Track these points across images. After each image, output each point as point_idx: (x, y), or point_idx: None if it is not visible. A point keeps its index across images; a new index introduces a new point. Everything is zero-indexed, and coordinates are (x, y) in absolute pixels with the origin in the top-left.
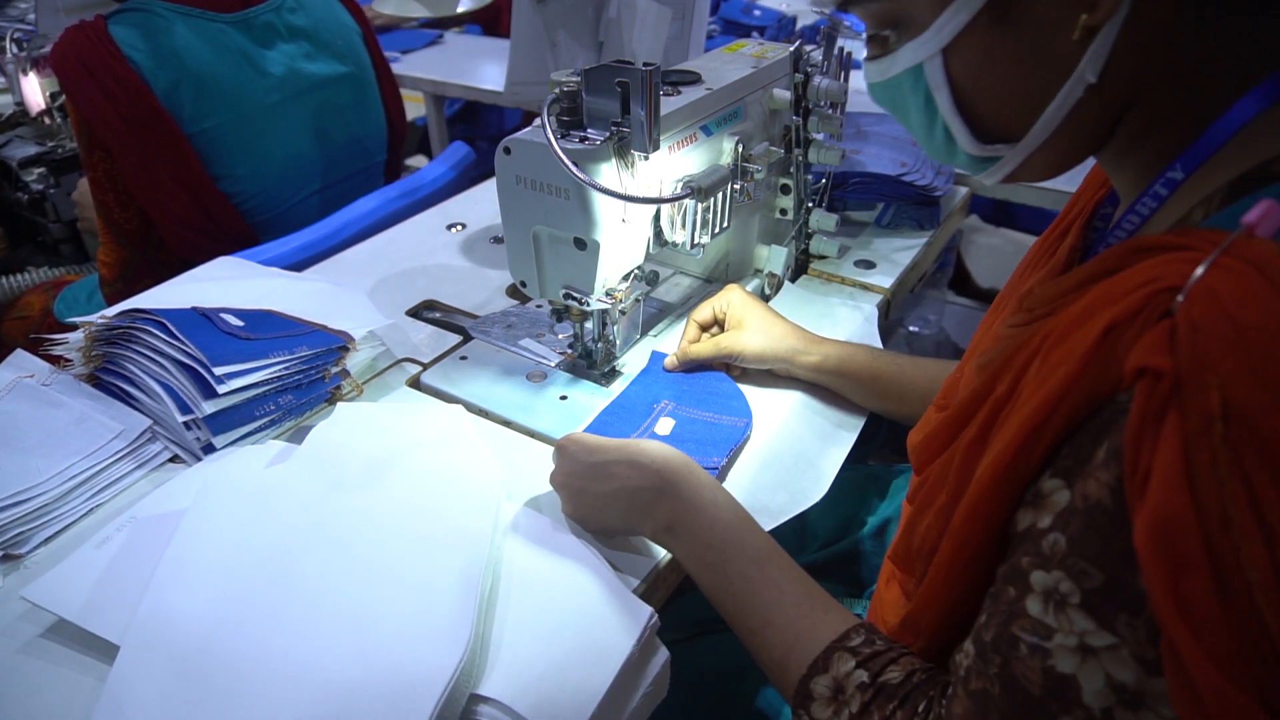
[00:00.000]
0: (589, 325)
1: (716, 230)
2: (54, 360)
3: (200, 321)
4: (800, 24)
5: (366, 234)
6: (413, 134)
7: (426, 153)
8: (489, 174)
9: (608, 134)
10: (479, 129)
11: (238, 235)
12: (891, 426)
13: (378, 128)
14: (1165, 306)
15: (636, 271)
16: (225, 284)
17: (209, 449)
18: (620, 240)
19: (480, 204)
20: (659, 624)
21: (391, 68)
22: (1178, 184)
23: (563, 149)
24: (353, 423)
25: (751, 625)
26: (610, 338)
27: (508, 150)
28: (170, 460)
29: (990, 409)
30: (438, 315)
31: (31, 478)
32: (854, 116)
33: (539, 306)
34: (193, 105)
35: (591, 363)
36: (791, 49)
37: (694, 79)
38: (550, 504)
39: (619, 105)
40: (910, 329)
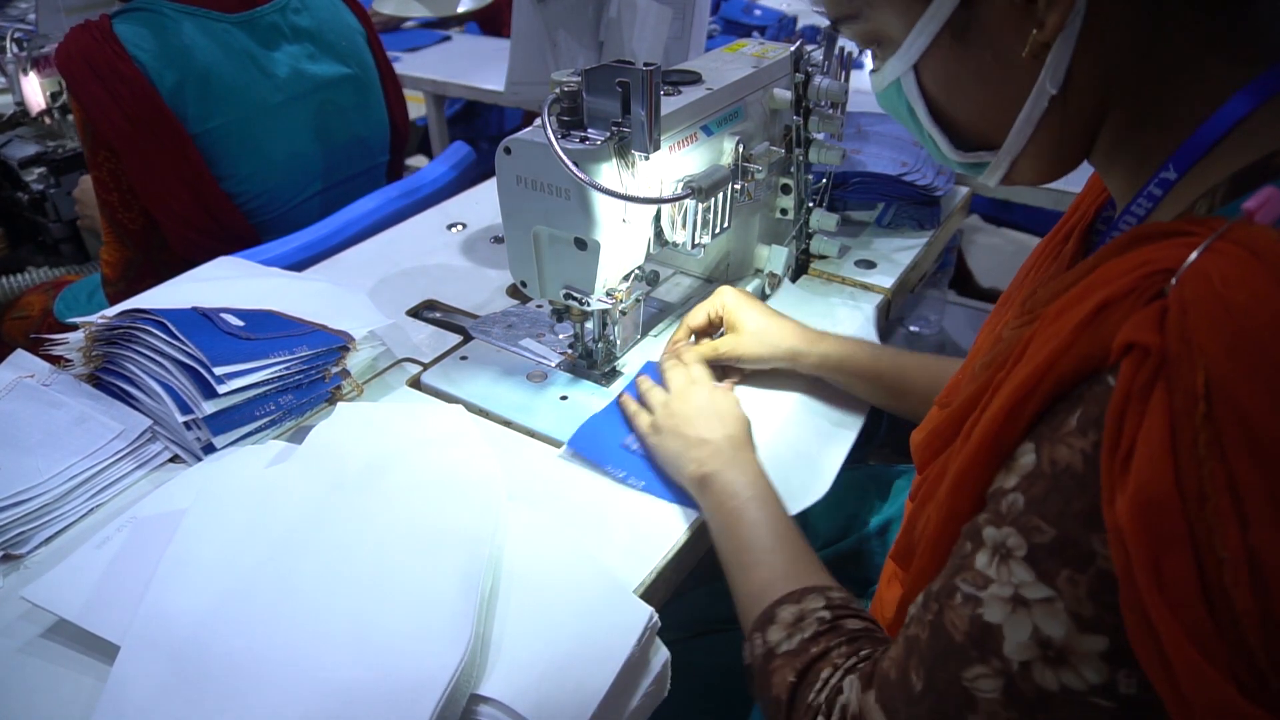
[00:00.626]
0: (589, 325)
1: (717, 230)
2: (54, 360)
3: (201, 321)
4: (801, 24)
5: (367, 234)
6: (413, 134)
7: (427, 153)
8: (489, 174)
9: (608, 134)
10: (479, 129)
11: (240, 235)
12: (892, 426)
13: (380, 129)
14: (1158, 287)
15: (637, 271)
16: (226, 284)
17: (209, 449)
18: (621, 240)
19: (481, 204)
20: (659, 624)
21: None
22: (1171, 184)
23: (563, 149)
24: (353, 423)
25: (745, 561)
26: (610, 338)
27: (508, 150)
28: (170, 460)
29: (988, 404)
30: (438, 315)
31: (32, 478)
32: (854, 116)
33: (539, 306)
34: (197, 105)
35: (592, 363)
36: (792, 49)
37: (694, 79)
38: (550, 504)
39: (619, 105)
40: (911, 329)
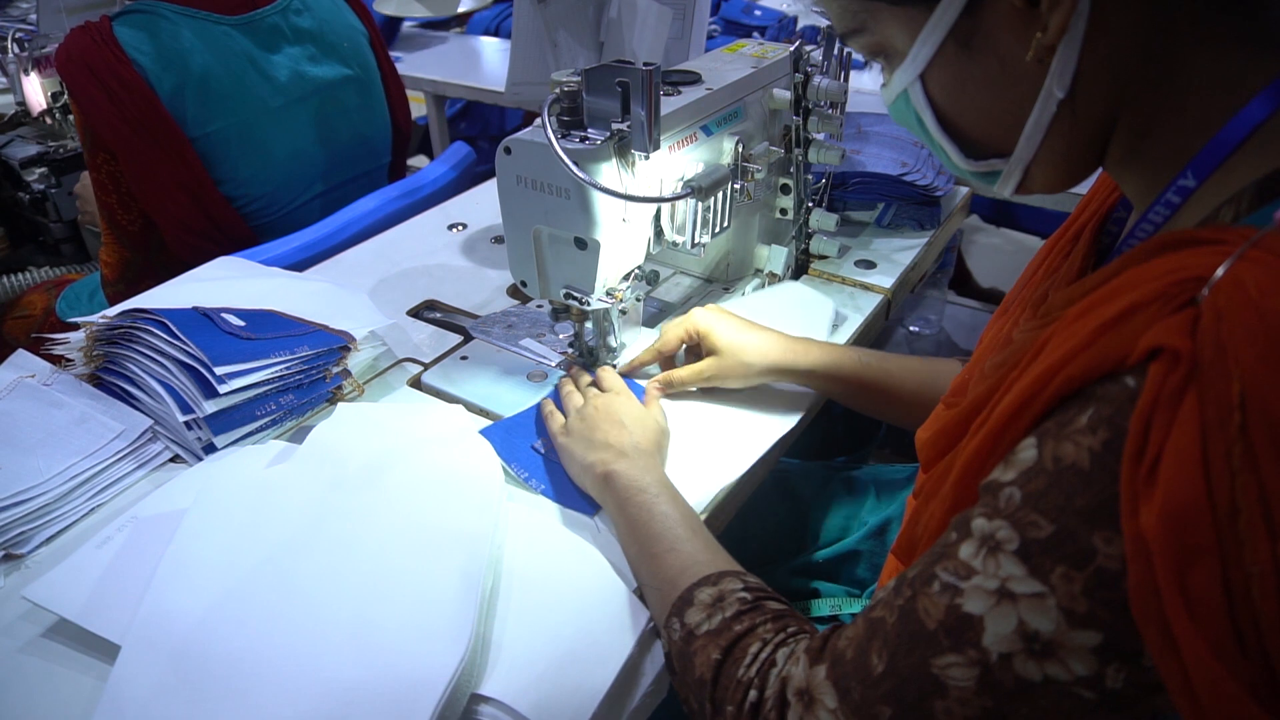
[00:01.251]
0: (589, 325)
1: (717, 230)
2: (55, 360)
3: (201, 321)
4: (800, 24)
5: (367, 234)
6: (413, 134)
7: (428, 153)
8: (490, 174)
9: (608, 134)
10: (480, 129)
11: (240, 239)
12: (891, 426)
13: (383, 129)
14: (1190, 295)
15: (637, 271)
16: (226, 284)
17: (210, 449)
18: (621, 240)
19: (481, 204)
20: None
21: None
22: (1190, 191)
23: (563, 149)
24: (353, 423)
25: (657, 550)
26: (611, 338)
27: (508, 150)
28: (171, 460)
29: (999, 403)
30: (438, 315)
31: (32, 477)
32: (854, 116)
33: (539, 306)
34: (197, 108)
35: (592, 362)
36: (792, 49)
37: (694, 79)
38: (550, 504)
39: (619, 105)
40: (911, 329)
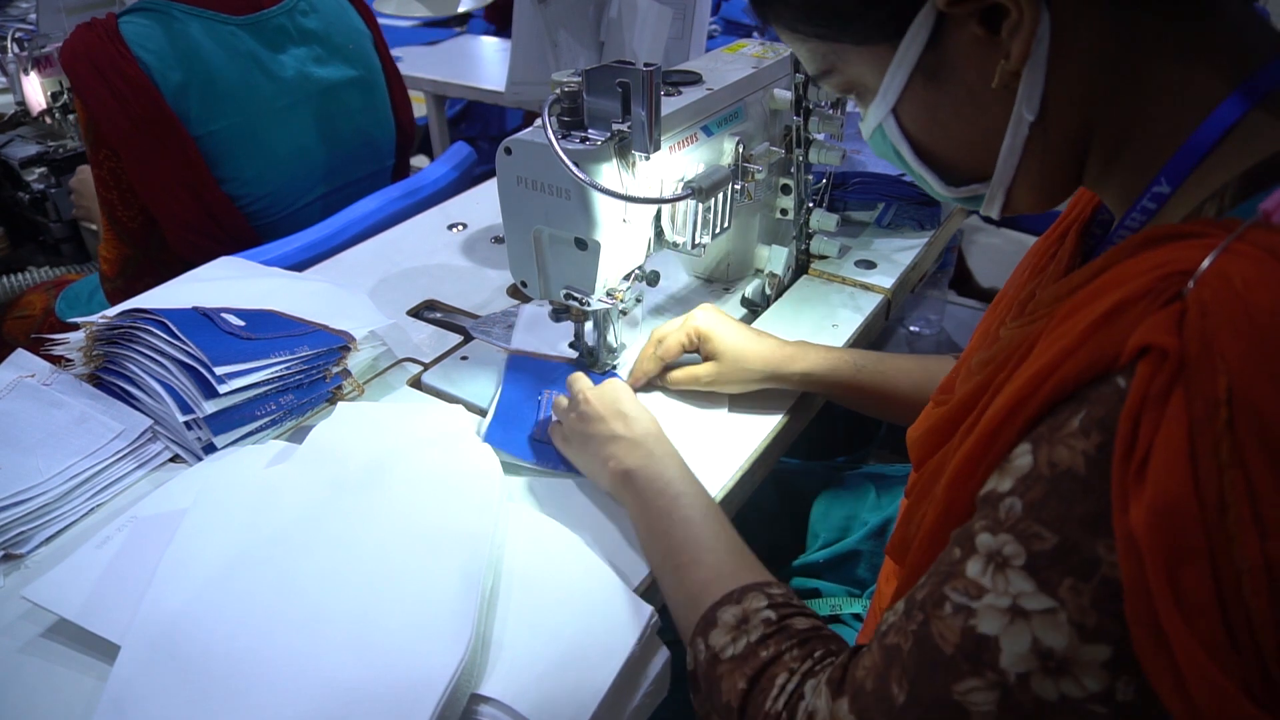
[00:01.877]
0: (589, 325)
1: (717, 230)
2: (55, 360)
3: (201, 321)
4: None
5: (368, 234)
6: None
7: (428, 153)
8: (490, 174)
9: (608, 134)
10: (480, 129)
11: (241, 238)
12: (891, 426)
13: (387, 132)
14: (1176, 289)
15: (637, 272)
16: (226, 284)
17: (210, 449)
18: (621, 240)
19: (481, 204)
20: (660, 623)
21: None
22: (1165, 197)
23: (563, 149)
24: (353, 423)
25: (680, 561)
26: (611, 338)
27: (508, 150)
28: (171, 460)
29: (988, 403)
30: (438, 315)
31: (32, 477)
32: (854, 117)
33: (540, 306)
34: (200, 107)
35: (592, 362)
36: (791, 49)
37: (695, 79)
38: (550, 504)
39: (620, 105)
40: (911, 329)
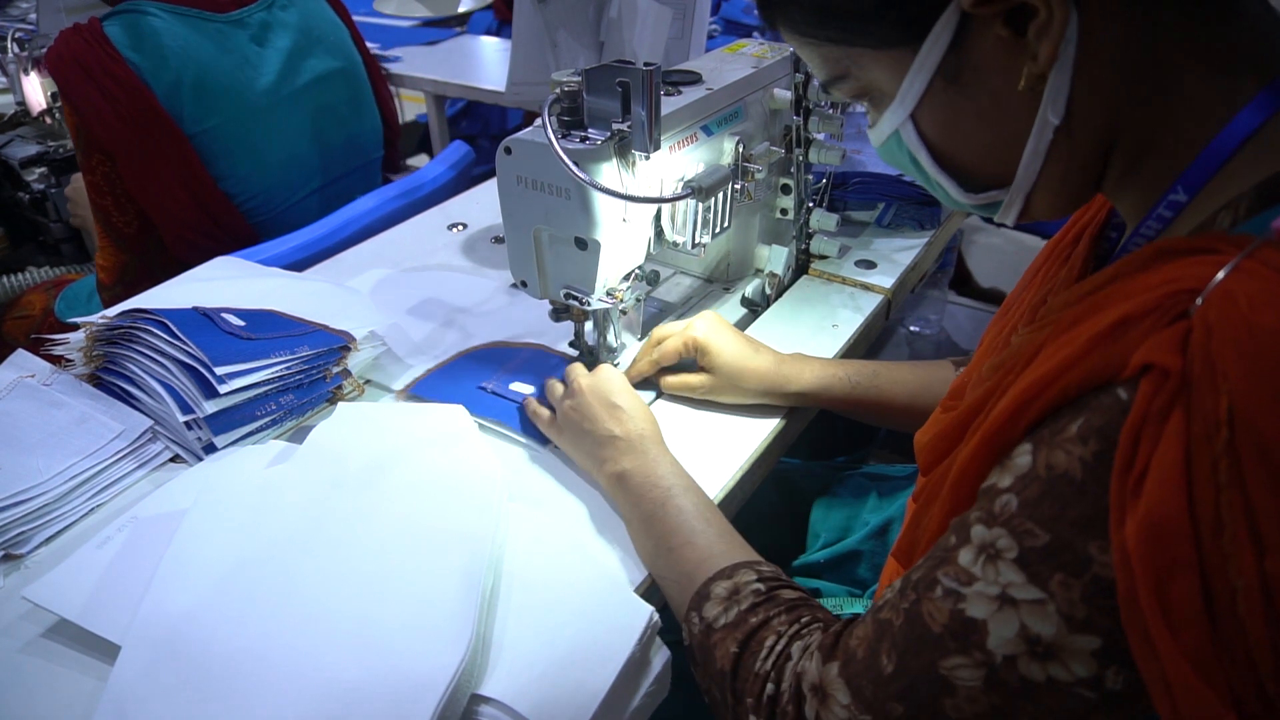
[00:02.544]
0: (589, 325)
1: (717, 230)
2: (55, 360)
3: (201, 321)
4: None
5: (367, 233)
6: (414, 133)
7: (428, 152)
8: (490, 174)
9: (608, 134)
10: (480, 128)
11: (239, 236)
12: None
13: (373, 124)
14: (1183, 308)
15: (637, 271)
16: (226, 284)
17: (210, 449)
18: (621, 240)
19: (481, 204)
20: (660, 624)
21: (391, 68)
22: (1181, 206)
23: (563, 149)
24: (353, 423)
25: (673, 544)
26: (611, 338)
27: (508, 150)
28: (171, 460)
29: (994, 407)
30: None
31: (32, 478)
32: (854, 116)
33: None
34: (193, 106)
35: (591, 363)
36: (792, 49)
37: (695, 79)
38: (550, 504)
39: (620, 105)
40: (911, 329)
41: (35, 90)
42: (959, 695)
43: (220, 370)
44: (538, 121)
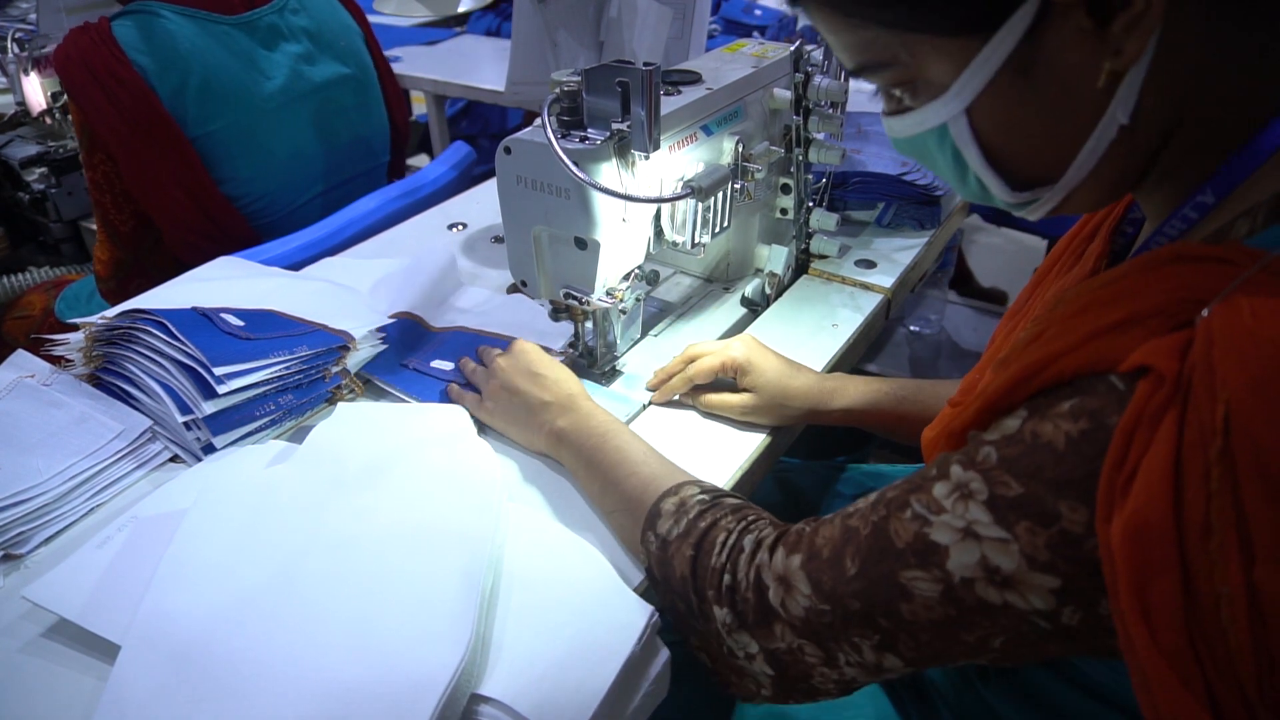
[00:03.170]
0: (589, 325)
1: (717, 230)
2: (55, 360)
3: (200, 321)
4: (801, 23)
5: (367, 234)
6: (414, 133)
7: (428, 152)
8: (490, 173)
9: (608, 134)
10: (480, 128)
11: (241, 238)
12: None
13: (381, 129)
14: (1189, 316)
15: (637, 271)
16: (226, 284)
17: (209, 449)
18: (621, 240)
19: (481, 204)
20: (660, 623)
21: (391, 68)
22: (1209, 208)
23: (563, 149)
24: (353, 423)
25: (618, 476)
26: (610, 337)
27: (508, 150)
28: (170, 460)
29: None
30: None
31: (32, 477)
32: (854, 116)
33: (540, 306)
34: (197, 108)
35: (592, 362)
36: (792, 49)
37: (694, 79)
38: (551, 504)
39: (619, 105)
40: (911, 329)
41: (35, 90)
42: (915, 601)
43: (219, 370)
44: (537, 121)
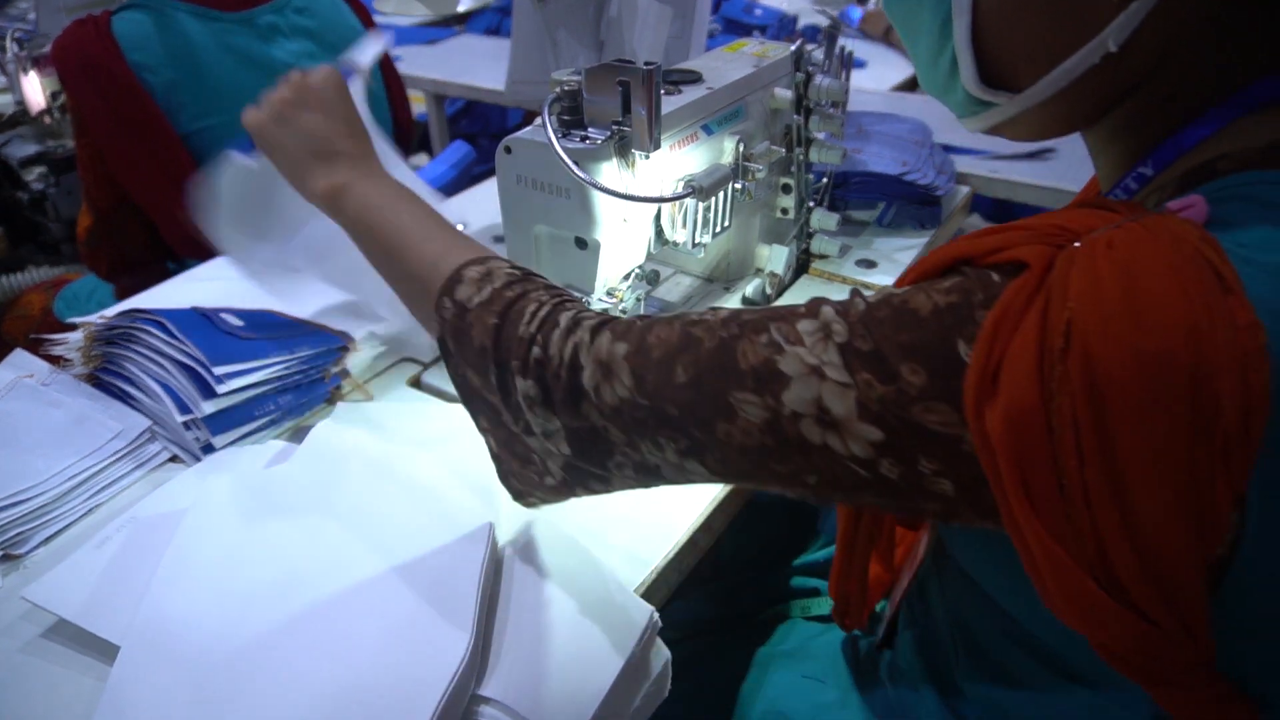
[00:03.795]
0: None
1: (717, 229)
2: (54, 360)
3: (200, 321)
4: (801, 23)
5: None
6: (413, 133)
7: (428, 151)
8: (490, 173)
9: (609, 133)
10: (480, 127)
11: None
12: None
13: (384, 130)
14: (1067, 241)
15: (637, 271)
16: (226, 284)
17: (208, 449)
18: (621, 240)
19: (481, 203)
20: (660, 624)
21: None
22: (1148, 179)
23: (563, 148)
24: (353, 423)
25: (410, 242)
26: None
27: (508, 149)
28: (170, 460)
29: None
30: None
31: (31, 477)
32: (855, 115)
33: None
34: (192, 104)
35: None
36: (793, 48)
37: (695, 78)
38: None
39: (620, 104)
40: None
41: (35, 90)
42: (736, 424)
43: (218, 370)
44: (538, 121)
